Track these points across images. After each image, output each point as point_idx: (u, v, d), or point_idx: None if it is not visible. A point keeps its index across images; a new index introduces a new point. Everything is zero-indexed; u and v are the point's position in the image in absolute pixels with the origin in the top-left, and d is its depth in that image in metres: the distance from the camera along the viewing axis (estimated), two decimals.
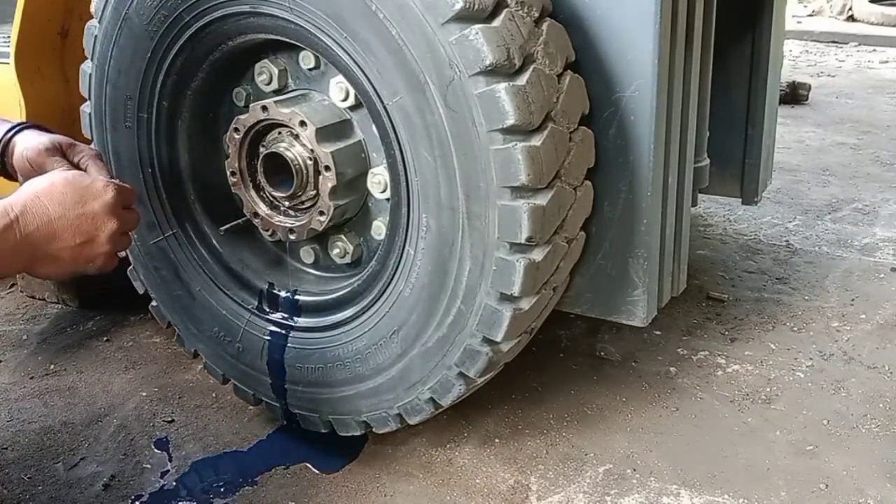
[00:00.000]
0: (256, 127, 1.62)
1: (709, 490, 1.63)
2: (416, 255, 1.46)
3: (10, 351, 2.21)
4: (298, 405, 1.72)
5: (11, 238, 1.18)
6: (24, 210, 1.20)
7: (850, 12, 7.76)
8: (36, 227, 1.20)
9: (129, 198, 1.34)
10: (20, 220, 1.19)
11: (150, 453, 1.78)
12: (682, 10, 1.50)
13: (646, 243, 1.55)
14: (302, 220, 1.63)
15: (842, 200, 3.19)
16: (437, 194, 1.40)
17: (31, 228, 1.20)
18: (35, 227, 1.20)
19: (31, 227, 1.20)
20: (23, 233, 1.19)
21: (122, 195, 1.30)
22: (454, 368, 1.49)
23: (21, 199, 1.21)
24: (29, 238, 1.19)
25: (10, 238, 1.17)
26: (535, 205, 1.35)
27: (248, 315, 1.74)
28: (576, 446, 1.76)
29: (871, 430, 1.80)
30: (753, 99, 2.17)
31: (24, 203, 1.21)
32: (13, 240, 1.18)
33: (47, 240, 1.22)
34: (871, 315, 2.30)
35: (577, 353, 2.13)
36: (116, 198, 1.28)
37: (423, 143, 1.38)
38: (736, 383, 1.99)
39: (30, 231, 1.19)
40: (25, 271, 1.25)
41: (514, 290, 1.39)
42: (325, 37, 1.42)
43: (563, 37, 1.44)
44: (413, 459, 1.74)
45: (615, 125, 1.49)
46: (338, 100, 1.59)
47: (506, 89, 1.29)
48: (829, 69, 5.81)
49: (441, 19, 1.29)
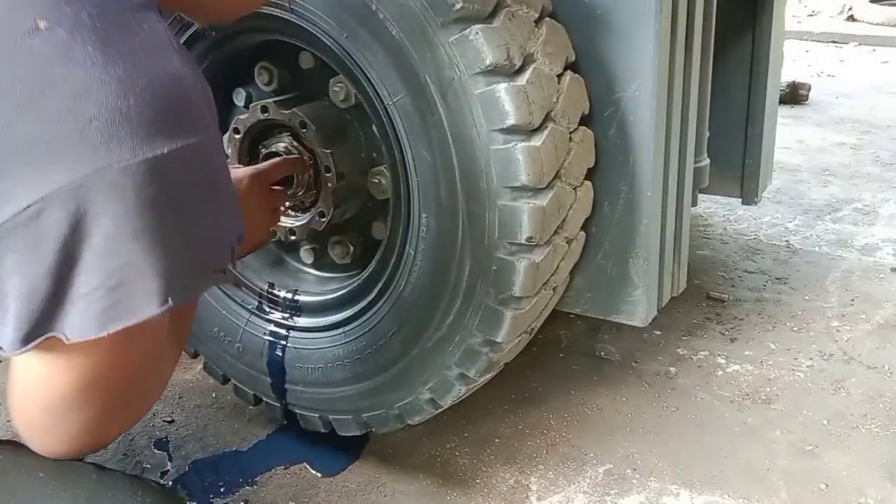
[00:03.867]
0: (256, 127, 1.62)
1: (709, 490, 1.63)
2: (416, 255, 1.46)
3: None
4: (298, 405, 1.72)
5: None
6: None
7: (850, 12, 7.76)
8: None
9: (273, 173, 1.48)
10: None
11: (149, 453, 1.78)
12: (682, 10, 1.50)
13: (646, 243, 1.55)
14: (302, 221, 1.62)
15: (842, 200, 3.19)
16: (437, 194, 1.40)
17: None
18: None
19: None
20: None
21: (265, 176, 1.44)
22: (454, 368, 1.49)
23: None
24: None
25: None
26: (535, 205, 1.34)
27: (248, 315, 1.74)
28: (576, 446, 1.76)
29: (871, 430, 1.80)
30: (753, 99, 2.16)
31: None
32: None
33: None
34: (871, 315, 2.30)
35: (577, 353, 2.13)
36: (263, 181, 1.43)
37: (423, 143, 1.38)
38: (736, 383, 1.99)
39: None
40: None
41: (514, 290, 1.39)
42: (325, 37, 1.42)
43: (563, 37, 1.44)
44: (413, 460, 1.74)
45: (615, 125, 1.49)
46: (338, 100, 1.59)
47: (506, 89, 1.29)
48: (829, 69, 5.81)
49: (441, 19, 1.29)
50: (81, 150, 0.70)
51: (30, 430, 0.88)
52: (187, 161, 0.76)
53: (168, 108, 0.75)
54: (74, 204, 0.70)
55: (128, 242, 0.72)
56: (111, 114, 0.71)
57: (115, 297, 0.73)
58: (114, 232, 0.71)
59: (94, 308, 0.73)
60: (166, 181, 0.73)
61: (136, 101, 0.72)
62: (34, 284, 0.72)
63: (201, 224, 0.79)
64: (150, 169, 0.72)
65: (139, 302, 0.74)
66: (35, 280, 0.72)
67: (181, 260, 0.76)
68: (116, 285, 0.73)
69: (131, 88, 0.72)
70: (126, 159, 0.71)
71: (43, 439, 0.88)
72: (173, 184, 0.74)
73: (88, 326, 0.74)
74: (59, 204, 0.70)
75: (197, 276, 0.79)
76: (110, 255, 0.72)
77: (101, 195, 0.71)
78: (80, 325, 0.74)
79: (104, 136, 0.71)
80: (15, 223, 0.71)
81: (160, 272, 0.74)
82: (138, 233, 0.72)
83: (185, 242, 0.77)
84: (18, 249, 0.72)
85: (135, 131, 0.72)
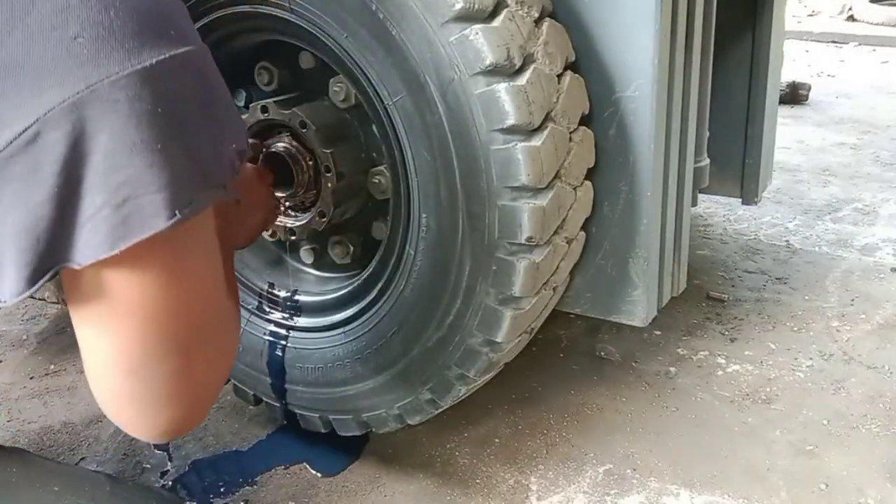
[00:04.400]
0: (256, 127, 1.62)
1: (709, 490, 1.63)
2: (416, 255, 1.46)
3: (10, 351, 2.22)
4: (298, 405, 1.72)
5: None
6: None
7: (850, 12, 7.76)
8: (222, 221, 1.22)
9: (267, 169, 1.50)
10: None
11: (149, 453, 1.77)
12: (682, 10, 1.50)
13: (646, 243, 1.55)
14: (302, 221, 1.62)
15: (842, 200, 3.19)
16: (437, 194, 1.40)
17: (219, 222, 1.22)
18: (222, 221, 1.22)
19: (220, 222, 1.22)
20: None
21: (263, 171, 1.46)
22: (454, 368, 1.49)
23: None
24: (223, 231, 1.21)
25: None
26: (535, 205, 1.34)
27: (247, 315, 1.74)
28: (576, 446, 1.76)
29: (871, 430, 1.80)
30: (753, 99, 2.16)
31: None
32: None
33: (232, 225, 1.25)
34: (871, 315, 2.30)
35: (577, 353, 2.13)
36: (261, 176, 1.44)
37: (423, 143, 1.38)
38: (736, 383, 1.99)
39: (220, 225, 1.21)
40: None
41: (514, 290, 1.39)
42: (325, 37, 1.42)
43: (563, 37, 1.44)
44: (413, 460, 1.74)
45: (615, 125, 1.49)
46: (338, 100, 1.59)
47: (506, 89, 1.29)
48: (829, 69, 5.81)
49: (441, 19, 1.29)
50: (70, 68, 0.70)
51: (126, 409, 0.83)
52: (177, 71, 0.75)
53: (150, 20, 0.74)
54: (70, 123, 0.70)
55: (128, 157, 0.71)
56: (95, 29, 0.71)
57: (123, 214, 0.72)
58: (112, 148, 0.71)
59: (103, 228, 0.72)
60: (158, 92, 0.73)
61: (118, 14, 0.72)
62: (37, 213, 0.71)
63: (199, 135, 0.77)
64: (140, 80, 0.71)
65: (147, 216, 0.72)
66: (37, 208, 0.71)
67: (183, 172, 0.74)
68: (122, 202, 0.71)
69: (111, 2, 0.72)
70: (115, 72, 0.70)
71: (144, 412, 0.83)
72: (166, 95, 0.73)
73: (99, 246, 0.72)
74: (55, 124, 0.69)
75: (200, 188, 0.77)
76: (112, 171, 0.71)
77: (96, 111, 0.70)
78: (90, 247, 0.72)
79: (91, 51, 0.70)
80: (12, 150, 0.70)
81: (164, 185, 0.72)
82: (137, 146, 0.71)
83: (185, 154, 0.75)
84: (18, 177, 0.70)
85: (120, 44, 0.71)
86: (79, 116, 0.70)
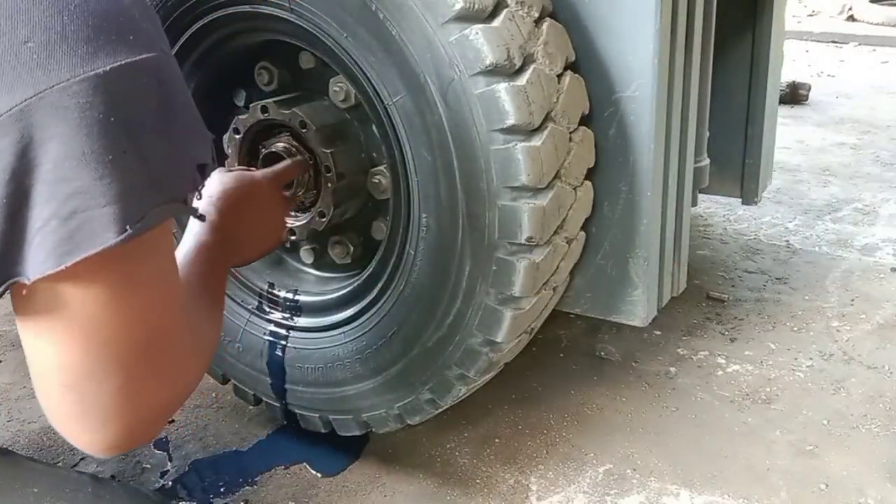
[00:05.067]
0: (256, 127, 1.62)
1: (709, 490, 1.63)
2: (416, 255, 1.46)
3: (10, 351, 2.21)
4: (298, 405, 1.72)
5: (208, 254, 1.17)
6: (219, 230, 1.19)
7: (850, 12, 7.76)
8: (227, 235, 1.21)
9: (286, 176, 1.50)
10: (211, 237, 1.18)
11: (149, 453, 1.78)
12: (682, 10, 1.50)
13: (646, 243, 1.55)
14: (302, 221, 1.62)
15: (842, 200, 3.19)
16: (437, 194, 1.40)
17: (223, 237, 1.20)
18: (226, 236, 1.20)
19: (224, 236, 1.20)
20: (216, 245, 1.18)
21: (280, 178, 1.45)
22: (454, 368, 1.49)
23: (207, 209, 1.21)
24: (225, 246, 1.20)
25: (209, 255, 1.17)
26: (535, 205, 1.34)
27: (248, 315, 1.74)
28: (576, 446, 1.76)
29: (871, 430, 1.80)
30: (753, 99, 2.16)
31: (214, 214, 1.21)
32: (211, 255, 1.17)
33: (235, 241, 1.24)
34: (871, 315, 2.30)
35: (577, 353, 2.13)
36: (278, 183, 1.43)
37: (423, 143, 1.38)
38: (736, 383, 1.99)
39: (218, 240, 1.19)
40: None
41: (514, 290, 1.39)
42: (325, 37, 1.42)
43: (563, 37, 1.44)
44: (413, 460, 1.74)
45: (615, 125, 1.49)
46: (338, 100, 1.59)
47: (506, 89, 1.29)
48: (829, 69, 5.81)
49: (441, 19, 1.29)
50: (19, 74, 0.68)
51: (69, 423, 0.81)
52: (133, 78, 0.72)
53: (107, 25, 0.71)
54: (18, 131, 0.67)
55: (77, 167, 0.68)
56: (46, 33, 0.68)
57: (71, 227, 0.69)
58: (62, 156, 0.68)
59: (50, 240, 0.69)
60: (112, 100, 0.70)
61: (71, 19, 0.69)
62: None
63: (156, 147, 0.75)
64: (92, 87, 0.69)
65: (96, 230, 0.70)
66: None
67: (136, 185, 0.72)
68: (70, 214, 0.69)
69: (65, 6, 0.70)
70: (66, 79, 0.68)
71: (86, 428, 0.80)
72: (120, 103, 0.71)
73: (46, 261, 0.70)
74: (3, 132, 0.67)
75: (155, 202, 0.74)
76: (60, 181, 0.69)
77: (45, 118, 0.68)
78: (37, 260, 0.70)
79: (41, 57, 0.68)
80: None
81: (114, 198, 0.70)
82: (87, 156, 0.69)
83: (140, 166, 0.72)
84: None
85: (73, 49, 0.69)
86: (27, 124, 0.68)
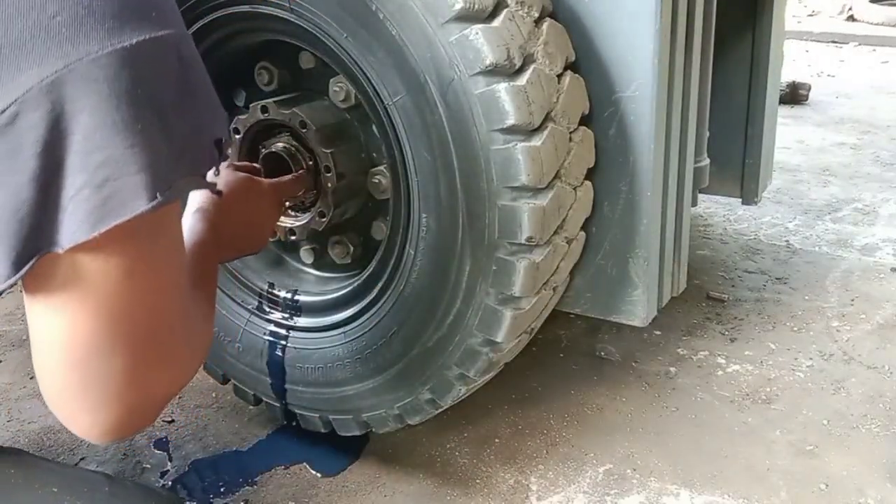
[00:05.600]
0: (256, 127, 1.62)
1: (709, 490, 1.63)
2: (416, 255, 1.46)
3: (10, 351, 2.21)
4: (298, 405, 1.72)
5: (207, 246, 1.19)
6: (216, 228, 1.21)
7: (850, 12, 7.76)
8: (221, 234, 1.22)
9: (290, 190, 1.54)
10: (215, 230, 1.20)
11: (149, 453, 1.78)
12: (682, 10, 1.50)
13: (646, 243, 1.55)
14: (302, 221, 1.62)
15: (842, 200, 3.19)
16: (437, 194, 1.40)
17: (217, 235, 1.21)
18: (220, 234, 1.22)
19: (219, 235, 1.22)
20: (215, 238, 1.20)
21: (283, 191, 1.50)
22: (454, 368, 1.49)
23: (208, 207, 1.23)
24: (218, 244, 1.21)
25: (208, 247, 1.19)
26: (535, 205, 1.34)
27: (248, 315, 1.74)
28: (576, 446, 1.76)
29: (871, 430, 1.80)
30: (753, 99, 2.16)
31: (211, 211, 1.22)
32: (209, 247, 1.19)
33: (227, 240, 1.25)
34: (871, 315, 2.30)
35: (577, 353, 2.13)
36: (280, 195, 1.48)
37: (423, 143, 1.38)
38: (736, 383, 1.99)
39: (217, 237, 1.21)
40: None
41: (514, 290, 1.39)
42: (325, 37, 1.42)
43: (563, 37, 1.44)
44: (413, 460, 1.74)
45: (615, 125, 1.49)
46: (338, 100, 1.59)
47: (506, 89, 1.29)
48: (829, 69, 5.81)
49: (441, 19, 1.29)
50: (49, 47, 0.69)
51: (69, 403, 0.81)
52: (157, 54, 0.75)
53: (130, 2, 0.73)
54: (49, 102, 0.69)
55: (108, 136, 0.70)
56: (73, 8, 0.70)
57: (103, 195, 0.71)
58: (92, 127, 0.70)
59: (83, 208, 0.71)
60: (138, 73, 0.72)
61: None
62: (20, 196, 0.70)
63: (178, 121, 0.77)
64: (120, 60, 0.71)
65: (127, 197, 0.71)
66: (20, 190, 0.70)
67: (163, 155, 0.74)
68: (102, 182, 0.71)
69: None
70: (95, 51, 0.70)
71: (86, 408, 0.81)
72: (145, 77, 0.73)
73: (80, 228, 0.71)
74: (34, 104, 0.69)
75: (180, 174, 0.76)
76: (92, 151, 0.70)
77: (75, 90, 0.69)
78: (70, 229, 0.71)
79: (70, 30, 0.70)
80: None
81: (144, 166, 0.72)
82: (118, 125, 0.71)
83: (165, 138, 0.74)
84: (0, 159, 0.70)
85: (100, 23, 0.71)
86: (58, 96, 0.69)
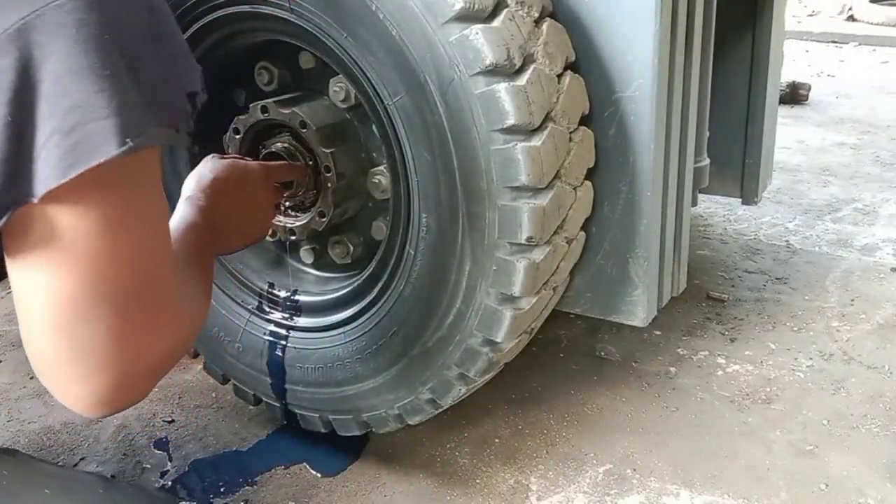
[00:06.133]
0: (256, 127, 1.62)
1: (709, 490, 1.63)
2: (416, 255, 1.46)
3: (10, 351, 2.21)
4: (298, 405, 1.72)
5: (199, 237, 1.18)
6: (207, 214, 1.21)
7: (850, 12, 7.76)
8: (214, 220, 1.22)
9: (280, 174, 1.51)
10: (206, 221, 1.20)
11: (149, 453, 1.78)
12: (682, 10, 1.50)
13: (646, 243, 1.55)
14: (302, 221, 1.63)
15: (842, 200, 3.19)
16: (437, 194, 1.40)
17: (210, 222, 1.21)
18: (213, 221, 1.22)
19: (211, 221, 1.21)
20: (206, 228, 1.19)
21: (273, 174, 1.46)
22: (454, 368, 1.49)
23: (196, 194, 1.23)
24: (212, 231, 1.21)
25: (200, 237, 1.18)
26: (535, 205, 1.34)
27: (248, 315, 1.74)
28: (576, 446, 1.76)
29: (871, 430, 1.80)
30: (753, 99, 2.16)
31: (203, 199, 1.22)
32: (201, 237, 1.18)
33: (222, 227, 1.24)
34: (871, 315, 2.30)
35: (577, 353, 2.13)
36: (270, 178, 1.43)
37: (423, 143, 1.38)
38: (736, 383, 1.99)
39: (211, 224, 1.21)
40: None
41: (514, 290, 1.39)
42: (325, 37, 1.42)
43: (563, 37, 1.44)
44: (413, 460, 1.74)
45: (615, 125, 1.49)
46: (338, 100, 1.59)
47: (506, 89, 1.29)
48: (829, 69, 5.81)
49: (441, 19, 1.29)
50: None
51: (57, 371, 0.81)
52: (126, 1, 0.76)
53: None
54: (17, 49, 0.69)
55: (76, 81, 0.71)
56: None
57: (73, 140, 0.71)
58: (61, 72, 0.70)
59: (54, 154, 0.71)
60: (106, 20, 0.72)
61: None
62: None
63: (149, 70, 0.77)
64: (87, 5, 0.71)
65: (97, 142, 0.72)
66: None
67: (132, 102, 0.74)
68: (72, 127, 0.71)
69: None
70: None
71: (75, 375, 0.80)
72: (113, 23, 0.73)
73: (51, 174, 0.71)
74: (2, 51, 0.69)
75: (152, 123, 0.76)
76: (61, 96, 0.71)
77: (42, 36, 0.70)
78: (42, 176, 0.71)
79: None
80: None
81: (114, 111, 0.72)
82: (85, 70, 0.71)
83: (135, 85, 0.75)
84: None
85: None
86: (25, 42, 0.70)
